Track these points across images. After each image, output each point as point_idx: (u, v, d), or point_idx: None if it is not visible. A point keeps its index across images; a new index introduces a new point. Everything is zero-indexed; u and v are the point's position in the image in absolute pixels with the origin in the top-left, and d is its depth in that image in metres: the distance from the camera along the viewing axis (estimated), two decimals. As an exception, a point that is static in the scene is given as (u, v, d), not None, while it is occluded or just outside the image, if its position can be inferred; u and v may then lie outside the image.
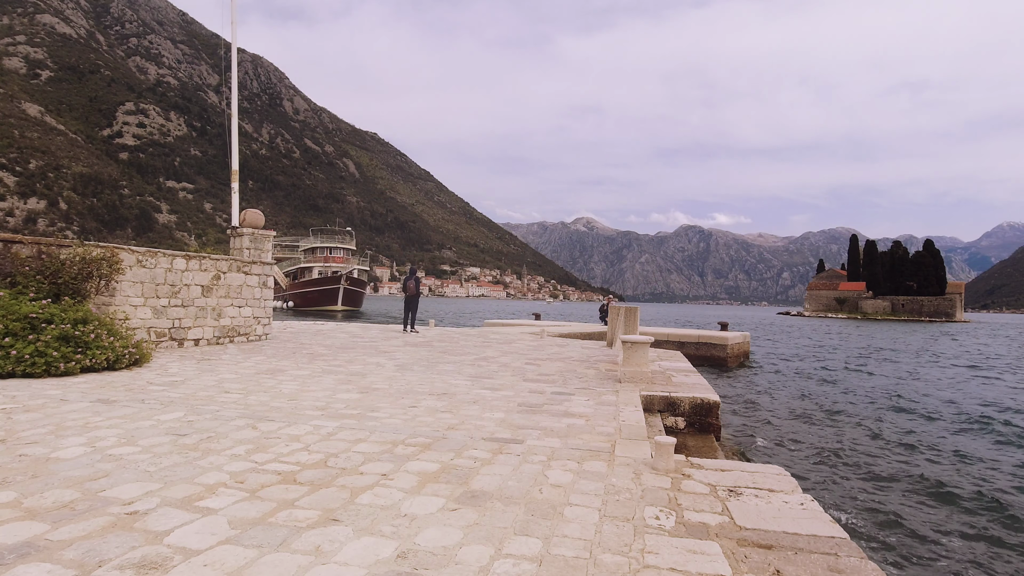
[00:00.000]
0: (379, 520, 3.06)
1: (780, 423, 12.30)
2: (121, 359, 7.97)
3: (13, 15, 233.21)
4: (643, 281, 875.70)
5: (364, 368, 9.03)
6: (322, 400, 6.29)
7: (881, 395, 16.82)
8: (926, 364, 27.02)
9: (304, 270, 67.25)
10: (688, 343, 21.35)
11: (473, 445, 4.64)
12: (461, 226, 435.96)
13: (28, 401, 5.68)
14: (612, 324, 14.12)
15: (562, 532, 3.01)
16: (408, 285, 17.51)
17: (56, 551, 2.58)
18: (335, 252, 68.22)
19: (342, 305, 61.60)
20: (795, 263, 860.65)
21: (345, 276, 61.37)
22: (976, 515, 7.26)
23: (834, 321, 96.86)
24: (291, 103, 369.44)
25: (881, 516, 7.03)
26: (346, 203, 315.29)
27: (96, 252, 9.02)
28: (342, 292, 61.18)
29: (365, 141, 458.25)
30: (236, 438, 4.56)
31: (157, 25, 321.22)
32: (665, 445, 4.25)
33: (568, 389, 7.69)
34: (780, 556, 2.86)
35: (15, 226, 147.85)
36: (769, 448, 10.11)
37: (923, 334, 57.41)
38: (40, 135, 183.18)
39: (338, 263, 66.12)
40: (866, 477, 8.70)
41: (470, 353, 11.79)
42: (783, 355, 29.64)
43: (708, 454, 6.54)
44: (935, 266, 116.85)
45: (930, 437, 11.55)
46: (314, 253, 68.66)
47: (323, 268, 65.93)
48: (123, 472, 3.66)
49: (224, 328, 12.01)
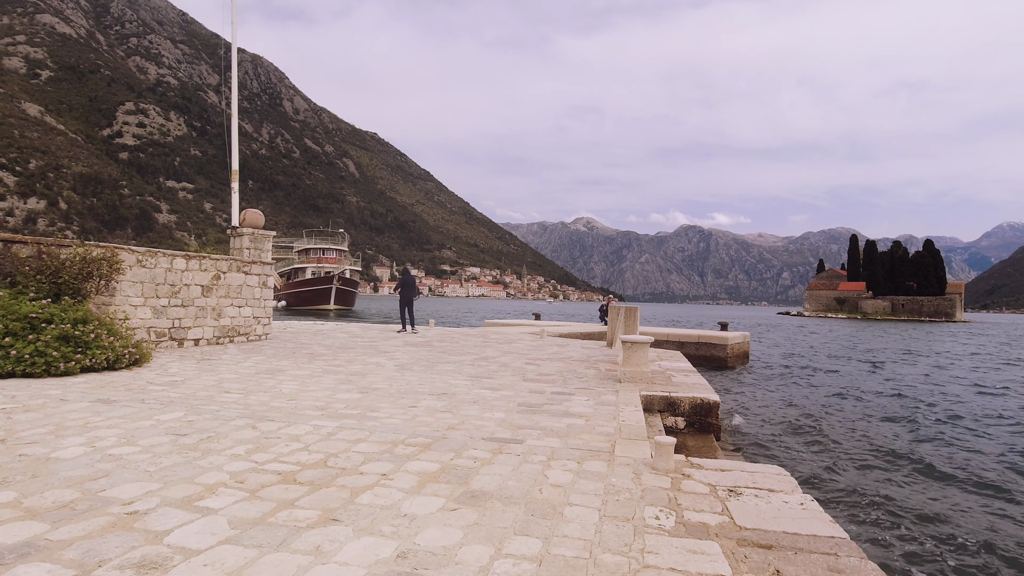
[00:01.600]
0: (379, 520, 3.06)
1: (780, 423, 12.30)
2: (121, 359, 7.96)
3: (13, 15, 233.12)
4: (643, 281, 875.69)
5: (364, 368, 9.03)
6: (322, 400, 6.29)
7: (881, 394, 16.82)
8: (926, 364, 27.02)
9: (298, 270, 68.61)
10: (688, 343, 21.35)
11: (473, 445, 4.64)
12: (461, 226, 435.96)
13: (28, 401, 5.68)
14: (612, 324, 14.12)
15: (562, 532, 3.01)
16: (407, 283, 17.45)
17: (56, 551, 2.58)
18: (328, 253, 69.81)
19: (335, 304, 62.79)
20: (795, 263, 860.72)
21: (338, 276, 62.67)
22: (978, 515, 7.26)
23: (834, 321, 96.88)
24: (291, 103, 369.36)
25: (882, 516, 7.03)
26: (346, 203, 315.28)
27: (96, 252, 9.01)
28: (334, 292, 62.47)
29: (365, 141, 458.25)
30: (236, 438, 4.56)
31: (157, 25, 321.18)
32: (665, 445, 4.25)
33: (568, 389, 7.69)
34: (780, 556, 2.86)
35: (15, 226, 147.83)
36: (769, 448, 10.11)
37: (923, 334, 57.44)
38: (40, 135, 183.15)
39: (331, 263, 67.54)
40: (867, 477, 8.70)
41: (470, 353, 11.79)
42: (783, 355, 29.65)
43: (708, 454, 6.54)
44: (935, 266, 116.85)
45: (931, 436, 11.54)
46: (308, 254, 70.04)
47: (316, 268, 67.39)
48: (123, 472, 3.66)
49: (224, 328, 12.01)
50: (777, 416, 13.03)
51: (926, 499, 7.80)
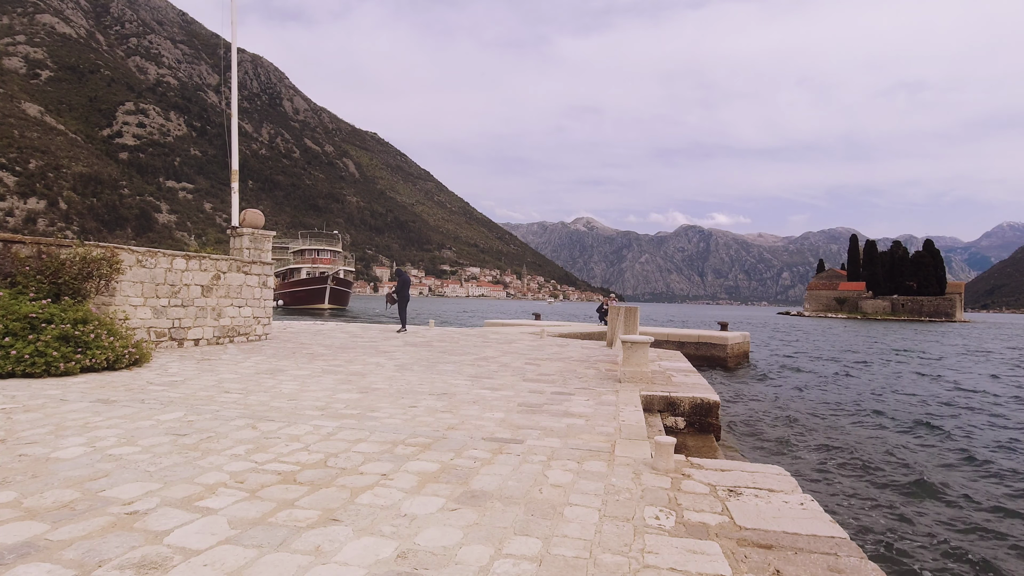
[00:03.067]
0: (379, 520, 3.06)
1: (780, 423, 12.30)
2: (121, 359, 7.96)
3: (13, 15, 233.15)
4: (643, 281, 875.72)
5: (364, 368, 9.03)
6: (322, 400, 6.29)
7: (881, 394, 16.81)
8: (927, 363, 27.02)
9: (293, 271, 70.62)
10: (688, 343, 21.35)
11: (473, 445, 4.64)
12: (461, 226, 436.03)
13: (28, 401, 5.68)
14: (612, 324, 14.12)
15: (562, 532, 3.01)
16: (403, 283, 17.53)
17: (56, 551, 2.58)
18: (323, 254, 72.17)
19: (329, 304, 64.37)
20: (795, 263, 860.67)
21: (332, 277, 64.32)
22: (978, 515, 7.26)
23: (834, 321, 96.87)
24: (291, 103, 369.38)
25: (882, 516, 7.03)
26: (346, 203, 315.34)
27: (96, 252, 9.01)
28: (329, 291, 64.06)
29: (365, 141, 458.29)
30: (236, 438, 4.56)
31: (157, 25, 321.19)
32: (665, 445, 4.25)
33: (568, 389, 7.69)
34: (780, 556, 2.86)
35: (15, 226, 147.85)
36: (769, 448, 10.11)
37: (923, 334, 57.43)
38: (40, 135, 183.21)
39: (325, 264, 69.81)
40: (866, 477, 8.70)
41: (470, 353, 11.79)
42: (783, 355, 29.64)
43: (708, 454, 6.54)
44: (935, 266, 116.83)
45: (931, 435, 11.54)
46: (303, 255, 72.35)
47: (311, 269, 69.47)
48: (123, 472, 3.66)
49: (224, 328, 12.01)
50: (777, 416, 13.03)
51: (926, 499, 7.80)
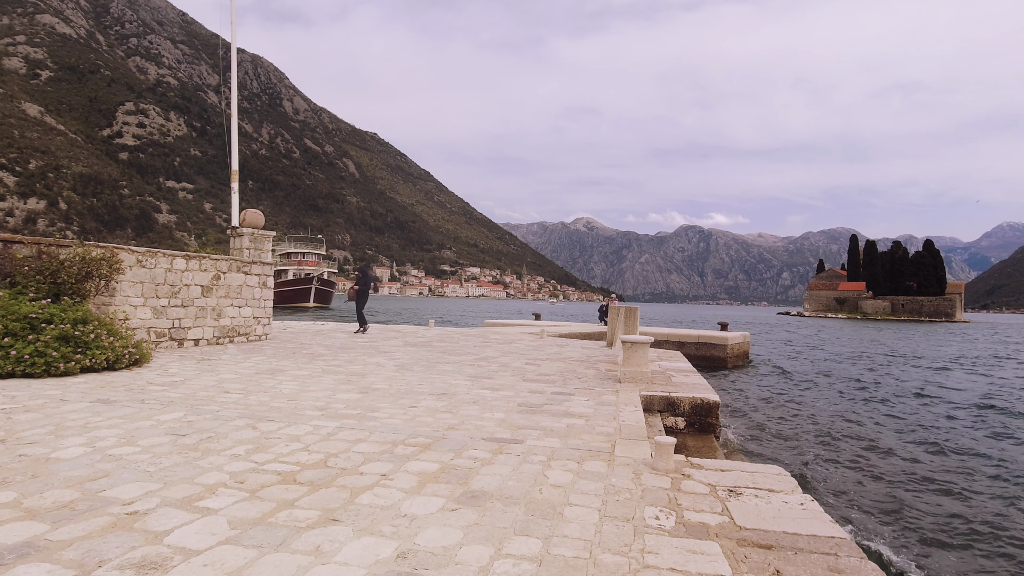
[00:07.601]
0: (379, 520, 3.06)
1: (780, 423, 12.30)
2: (121, 359, 7.96)
3: (13, 15, 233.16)
4: (643, 281, 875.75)
5: (364, 368, 9.02)
6: (322, 400, 6.29)
7: (881, 394, 16.81)
8: (927, 363, 27.02)
9: (280, 272, 75.27)
10: (688, 343, 21.35)
11: (473, 445, 4.63)
12: (461, 226, 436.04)
13: (28, 401, 5.68)
14: (612, 324, 14.12)
15: (562, 532, 3.01)
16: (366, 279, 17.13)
17: (56, 551, 2.58)
18: (308, 257, 78.97)
19: (314, 302, 70.06)
20: (795, 263, 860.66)
21: (316, 278, 70.56)
22: (978, 514, 7.26)
23: (834, 321, 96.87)
24: (291, 103, 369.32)
25: (882, 516, 7.03)
26: (346, 203, 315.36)
27: (96, 252, 9.01)
28: (313, 291, 69.91)
29: (365, 141, 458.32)
30: (236, 438, 4.56)
31: (157, 25, 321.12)
32: (665, 445, 4.25)
33: (568, 389, 7.69)
34: (780, 556, 2.85)
35: (15, 226, 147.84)
36: (769, 448, 10.11)
37: (923, 334, 57.42)
38: (40, 135, 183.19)
39: (310, 266, 76.35)
40: (866, 476, 8.70)
41: (470, 353, 11.79)
42: (783, 355, 29.64)
43: (708, 454, 6.54)
44: (935, 266, 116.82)
45: (931, 435, 11.54)
46: (289, 257, 78.11)
47: (297, 271, 75.52)
48: (123, 472, 3.66)
49: (224, 328, 12.01)
50: (777, 416, 13.03)
51: (927, 499, 7.80)
